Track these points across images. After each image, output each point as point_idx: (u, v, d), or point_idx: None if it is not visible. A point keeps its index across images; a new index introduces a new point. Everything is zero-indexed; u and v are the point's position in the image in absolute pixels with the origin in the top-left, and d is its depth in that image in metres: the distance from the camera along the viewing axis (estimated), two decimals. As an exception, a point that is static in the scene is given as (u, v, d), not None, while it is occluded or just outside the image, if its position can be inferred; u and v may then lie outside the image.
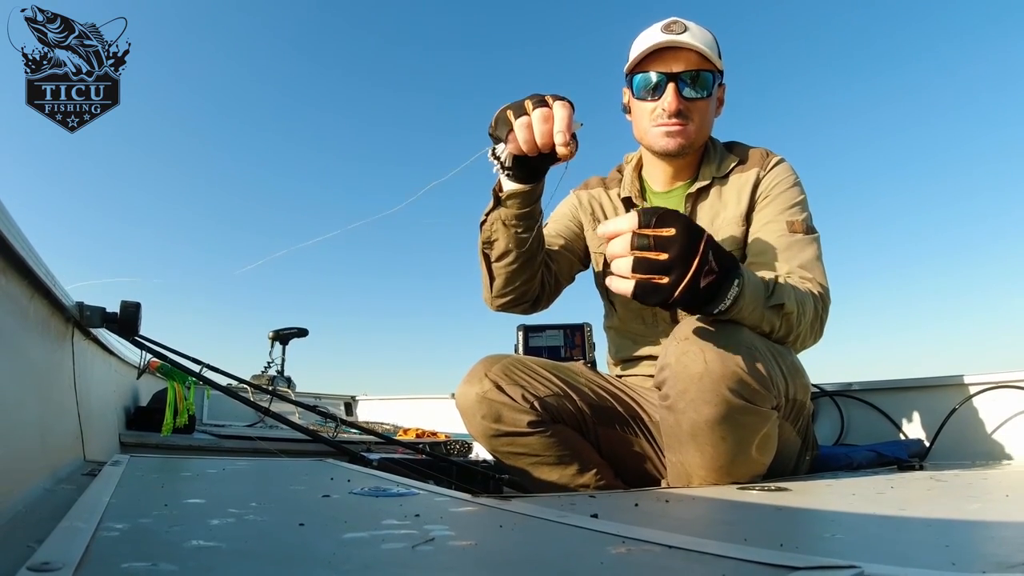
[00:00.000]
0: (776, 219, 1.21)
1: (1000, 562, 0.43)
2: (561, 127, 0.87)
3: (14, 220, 0.73)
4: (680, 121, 1.23)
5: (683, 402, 0.96)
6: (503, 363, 1.22)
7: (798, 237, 1.18)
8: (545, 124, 0.87)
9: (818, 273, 1.15)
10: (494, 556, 0.43)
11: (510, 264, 1.17)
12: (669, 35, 1.20)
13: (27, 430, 0.80)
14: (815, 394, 1.89)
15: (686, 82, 1.21)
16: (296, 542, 0.45)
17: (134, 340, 1.37)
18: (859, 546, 0.53)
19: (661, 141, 1.25)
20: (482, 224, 1.16)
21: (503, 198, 1.08)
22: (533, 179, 1.05)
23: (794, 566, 0.36)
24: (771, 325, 1.00)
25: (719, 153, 1.33)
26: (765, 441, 1.01)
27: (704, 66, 1.21)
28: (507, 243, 1.14)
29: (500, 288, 1.23)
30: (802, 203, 1.24)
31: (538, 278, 1.25)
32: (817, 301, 1.09)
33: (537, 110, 0.89)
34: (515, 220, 1.10)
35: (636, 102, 1.28)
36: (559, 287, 1.37)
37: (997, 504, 0.82)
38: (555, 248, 1.36)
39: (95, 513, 0.51)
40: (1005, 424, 1.59)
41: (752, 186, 1.26)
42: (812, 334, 1.11)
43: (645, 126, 1.27)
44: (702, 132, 1.27)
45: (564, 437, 1.21)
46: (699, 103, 1.24)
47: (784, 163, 1.29)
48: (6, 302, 0.76)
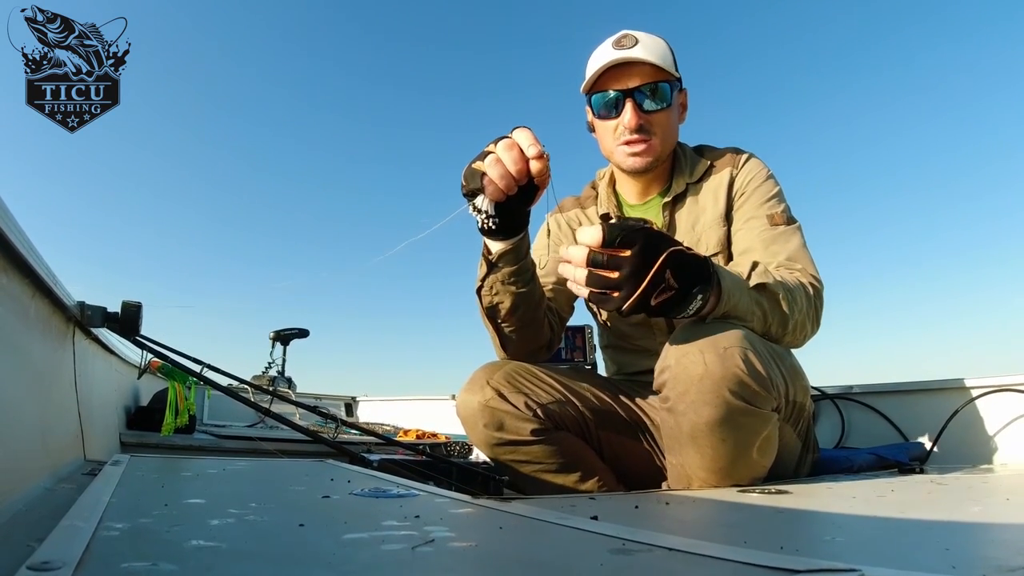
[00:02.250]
0: (756, 214, 1.22)
1: (1000, 565, 0.43)
2: (528, 143, 0.88)
3: (15, 219, 0.73)
4: (642, 136, 1.24)
5: (683, 404, 0.96)
6: (505, 370, 1.21)
7: (780, 229, 1.19)
8: (511, 151, 0.89)
9: (806, 262, 1.16)
10: (494, 557, 0.43)
11: (520, 320, 1.17)
12: (621, 51, 1.21)
13: (27, 429, 0.80)
14: (816, 397, 1.89)
15: (644, 96, 1.22)
16: (296, 543, 0.45)
17: (135, 340, 1.37)
18: (859, 549, 0.53)
19: (628, 161, 1.27)
20: (479, 291, 1.15)
21: (494, 261, 1.08)
22: (518, 230, 1.04)
23: (794, 569, 0.36)
24: (763, 313, 1.00)
25: (690, 159, 1.34)
26: (765, 443, 1.01)
27: (659, 77, 1.21)
28: (512, 301, 1.13)
29: (515, 346, 1.24)
30: (778, 195, 1.25)
31: (545, 323, 1.24)
32: (808, 289, 1.09)
33: (500, 142, 0.90)
34: (512, 278, 1.09)
35: (598, 121, 1.29)
36: (563, 323, 1.38)
37: (998, 507, 0.82)
38: (549, 285, 1.34)
39: (95, 512, 0.51)
40: (1006, 428, 1.59)
41: (727, 186, 1.27)
42: (810, 322, 1.10)
43: (610, 145, 1.29)
44: (667, 142, 1.28)
45: (567, 444, 1.20)
46: (659, 115, 1.24)
47: (754, 159, 1.30)
48: (7, 301, 0.76)
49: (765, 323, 1.02)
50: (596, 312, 1.43)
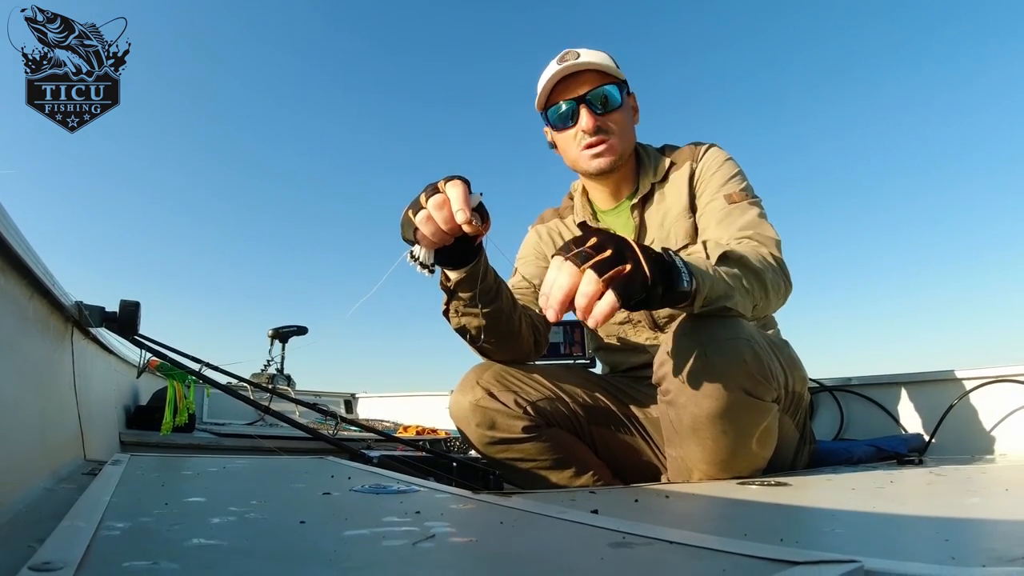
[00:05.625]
0: (715, 197, 1.24)
1: (1000, 556, 0.43)
2: (458, 206, 0.84)
3: (12, 220, 0.73)
4: (601, 137, 1.27)
5: (684, 396, 0.96)
6: (494, 370, 1.22)
7: (736, 205, 1.20)
8: (442, 210, 0.85)
9: (762, 228, 1.16)
10: (494, 552, 0.43)
11: (492, 335, 1.16)
12: (565, 63, 1.25)
13: (27, 430, 0.80)
14: (815, 389, 1.90)
15: (596, 100, 1.26)
16: (297, 540, 0.45)
17: (134, 339, 1.37)
18: (859, 540, 0.53)
19: (592, 163, 1.29)
20: (445, 313, 1.15)
21: (452, 288, 1.07)
22: (468, 260, 1.02)
23: (794, 561, 0.36)
24: (740, 284, 0.96)
25: (653, 159, 1.37)
26: (765, 434, 1.01)
27: (606, 80, 1.26)
28: (479, 321, 1.12)
29: (496, 358, 1.25)
30: (737, 176, 1.27)
31: (526, 328, 1.23)
32: (760, 249, 1.07)
33: (431, 199, 0.87)
34: (474, 301, 1.08)
35: (557, 134, 1.33)
36: (550, 325, 1.38)
37: (997, 498, 0.82)
38: (534, 289, 1.35)
39: (96, 512, 0.51)
40: (1005, 419, 1.59)
41: (688, 178, 1.30)
42: (782, 281, 1.08)
43: (574, 154, 1.31)
44: (625, 141, 1.31)
45: (559, 440, 1.21)
46: (613, 115, 1.28)
47: (714, 148, 1.33)
48: (5, 302, 0.76)
49: (749, 294, 0.98)
50: None
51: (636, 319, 1.34)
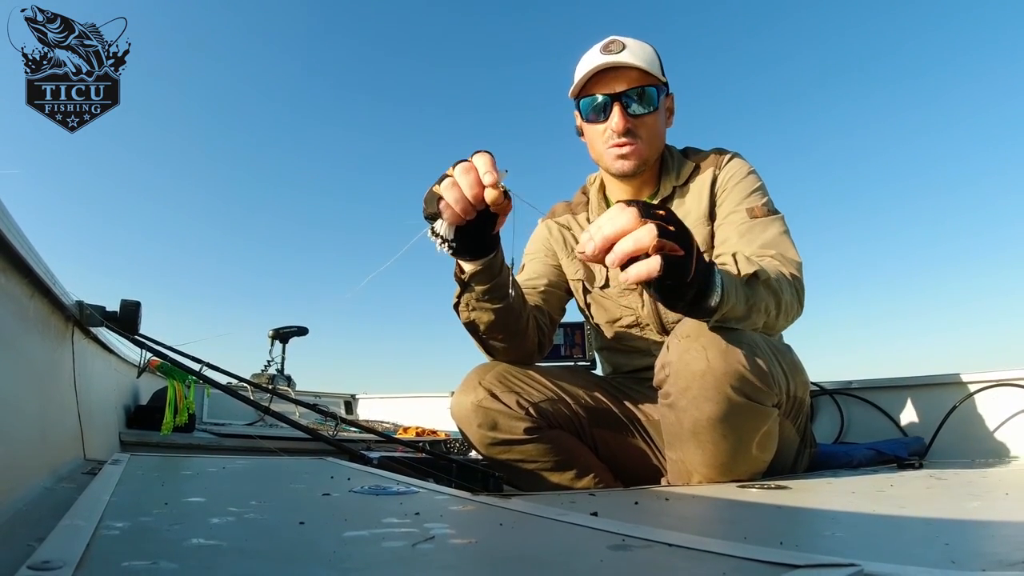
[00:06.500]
0: (736, 209, 1.22)
1: (1000, 560, 0.43)
2: (485, 169, 0.84)
3: (14, 219, 0.73)
4: (629, 140, 1.25)
5: (685, 400, 0.96)
6: (496, 370, 1.22)
7: (758, 221, 1.19)
8: (468, 175, 0.85)
9: (783, 247, 1.15)
10: (494, 554, 0.43)
11: (501, 332, 1.17)
12: (608, 56, 1.22)
13: (27, 429, 0.80)
14: (815, 392, 1.89)
15: (631, 100, 1.23)
16: (296, 540, 0.45)
17: (134, 339, 1.37)
18: (859, 544, 0.53)
19: (616, 164, 1.28)
20: (456, 307, 1.15)
21: (467, 280, 1.07)
22: (487, 251, 1.01)
23: (794, 564, 0.36)
24: (757, 301, 0.95)
25: (677, 162, 1.35)
26: (766, 439, 1.01)
27: (646, 82, 1.23)
28: (489, 317, 1.12)
29: (502, 355, 1.25)
30: (760, 189, 1.26)
31: (532, 327, 1.24)
32: (783, 269, 1.07)
33: (458, 166, 0.86)
34: (487, 295, 1.08)
35: (587, 125, 1.30)
36: (554, 325, 1.38)
37: (997, 502, 0.82)
38: (540, 288, 1.35)
39: (95, 512, 0.51)
40: (1005, 423, 1.59)
41: (710, 185, 1.28)
42: (796, 303, 1.08)
43: (600, 149, 1.30)
44: (653, 146, 1.29)
45: (561, 442, 1.21)
46: (646, 118, 1.25)
47: (737, 157, 1.31)
48: (6, 301, 0.76)
49: (763, 314, 0.99)
50: (589, 315, 1.44)
51: (644, 322, 1.33)
